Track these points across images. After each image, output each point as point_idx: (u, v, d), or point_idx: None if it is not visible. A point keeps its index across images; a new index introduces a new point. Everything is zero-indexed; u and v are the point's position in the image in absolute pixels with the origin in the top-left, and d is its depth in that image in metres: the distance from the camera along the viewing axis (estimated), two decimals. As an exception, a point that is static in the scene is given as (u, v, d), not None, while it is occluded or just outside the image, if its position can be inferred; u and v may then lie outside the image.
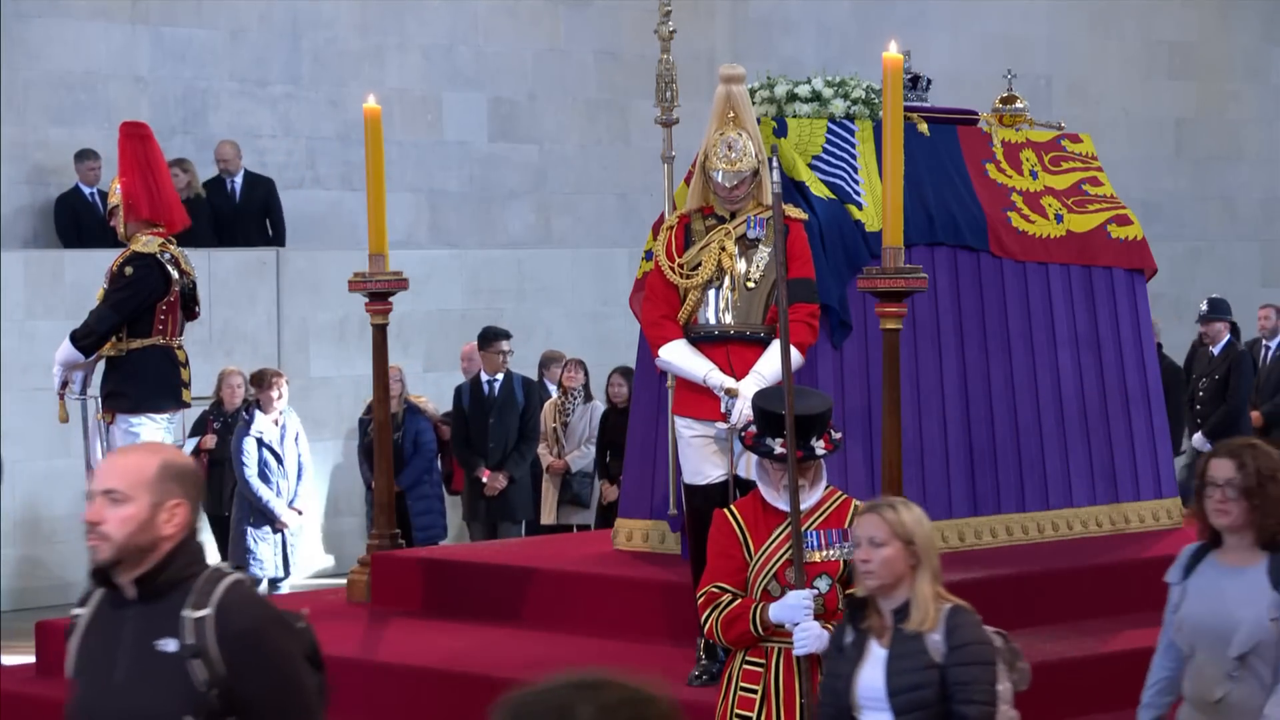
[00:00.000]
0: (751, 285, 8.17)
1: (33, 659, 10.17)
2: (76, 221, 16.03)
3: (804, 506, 6.63)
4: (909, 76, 9.89)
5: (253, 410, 13.35)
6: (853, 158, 9.66)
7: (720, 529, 6.75)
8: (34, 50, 16.18)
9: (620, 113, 18.69)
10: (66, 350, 9.82)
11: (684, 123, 9.89)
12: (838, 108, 9.72)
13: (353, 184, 16.97)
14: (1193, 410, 15.76)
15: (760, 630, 6.55)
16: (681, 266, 8.20)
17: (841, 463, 8.97)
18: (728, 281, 8.17)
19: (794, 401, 6.71)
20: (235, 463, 13.32)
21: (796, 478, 6.60)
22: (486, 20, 18.20)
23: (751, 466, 7.24)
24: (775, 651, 6.61)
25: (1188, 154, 22.35)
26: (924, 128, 10.01)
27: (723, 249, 8.17)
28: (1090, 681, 8.41)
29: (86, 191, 16.08)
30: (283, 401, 13.35)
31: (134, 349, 9.77)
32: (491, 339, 14.43)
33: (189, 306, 10.01)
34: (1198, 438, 15.62)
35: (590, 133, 18.72)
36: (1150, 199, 20.80)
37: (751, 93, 9.51)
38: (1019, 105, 10.66)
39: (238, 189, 16.73)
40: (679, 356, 8.15)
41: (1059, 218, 10.45)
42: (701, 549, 7.28)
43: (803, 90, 9.73)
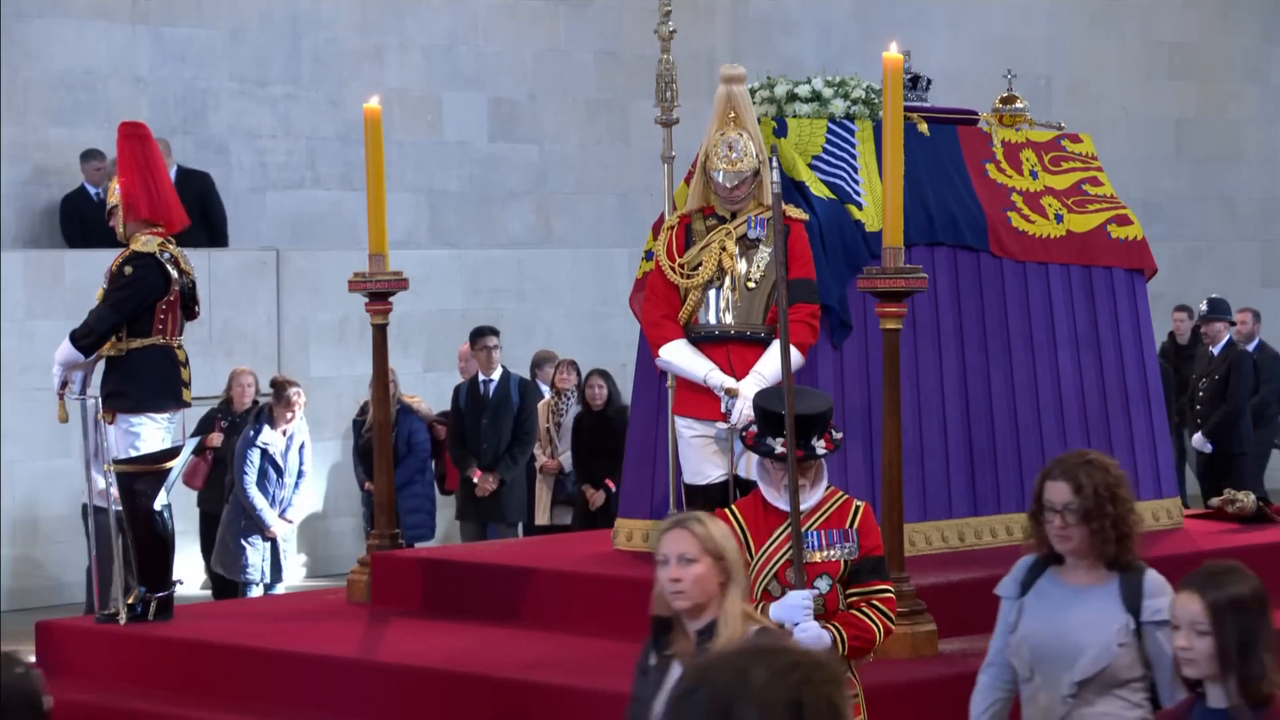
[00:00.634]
0: (752, 285, 8.17)
1: (33, 659, 10.17)
2: (82, 221, 16.02)
3: (804, 506, 6.62)
4: (909, 76, 9.89)
5: (261, 423, 13.32)
6: (853, 158, 9.66)
7: (720, 529, 6.75)
8: (34, 50, 16.18)
9: (620, 113, 18.69)
10: (66, 350, 9.81)
11: (684, 123, 9.89)
12: (838, 108, 9.72)
13: (353, 184, 16.97)
14: (1193, 410, 15.77)
15: (760, 630, 6.55)
16: (682, 266, 8.21)
17: (841, 463, 8.97)
18: (728, 281, 8.17)
19: (794, 401, 6.71)
20: (236, 470, 13.31)
21: (797, 478, 6.60)
22: (486, 20, 18.20)
23: (752, 466, 7.24)
24: (775, 651, 6.60)
25: (1188, 154, 22.35)
26: (924, 128, 10.00)
27: (723, 249, 8.17)
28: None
29: (92, 191, 16.07)
30: (293, 422, 13.35)
31: (134, 349, 9.77)
32: (477, 336, 14.44)
33: (189, 306, 10.01)
34: (1198, 438, 15.63)
35: (590, 133, 18.72)
36: (1150, 199, 20.80)
37: (751, 93, 9.51)
38: (1019, 105, 10.66)
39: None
40: (679, 356, 8.15)
41: (1059, 218, 10.44)
42: (701, 549, 7.27)
43: (803, 90, 9.73)
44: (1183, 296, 18.49)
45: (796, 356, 7.75)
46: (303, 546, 16.18)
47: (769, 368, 7.95)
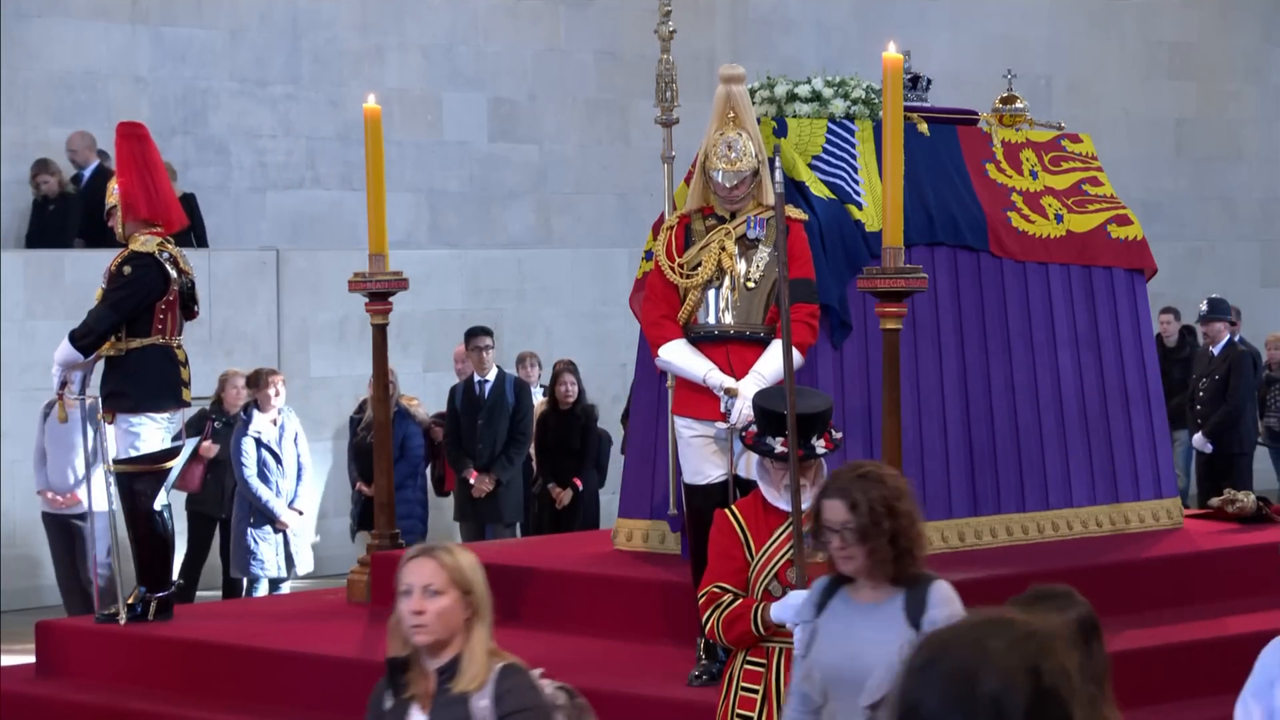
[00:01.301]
0: (751, 285, 8.17)
1: (32, 659, 10.16)
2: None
3: (805, 506, 6.62)
4: (909, 76, 9.88)
5: (251, 410, 13.34)
6: (853, 158, 9.65)
7: (721, 529, 6.75)
8: (34, 50, 16.18)
9: (620, 113, 18.69)
10: (65, 350, 9.81)
11: (684, 123, 9.89)
12: (838, 108, 9.72)
13: (353, 184, 16.97)
14: (1193, 410, 15.78)
15: (761, 630, 6.55)
16: (681, 266, 8.20)
17: (842, 463, 8.95)
18: (727, 281, 8.17)
19: (795, 401, 6.71)
20: (234, 463, 13.31)
21: (798, 477, 6.60)
22: (486, 20, 18.20)
23: (752, 466, 7.24)
24: (776, 651, 6.60)
25: (1188, 154, 22.35)
26: (924, 128, 10.00)
27: (722, 249, 8.17)
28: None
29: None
30: (280, 399, 13.35)
31: (133, 348, 9.77)
32: (470, 336, 14.43)
33: (188, 306, 10.02)
34: (1198, 438, 15.63)
35: (590, 133, 18.72)
36: (1150, 199, 20.81)
37: (751, 93, 9.50)
38: (1019, 105, 10.65)
39: (85, 182, 15.91)
40: (679, 356, 8.14)
41: (1059, 218, 10.44)
42: (701, 549, 7.27)
43: (803, 90, 9.72)
44: (1183, 296, 18.49)
45: (796, 356, 7.75)
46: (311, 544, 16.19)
47: (768, 367, 7.95)
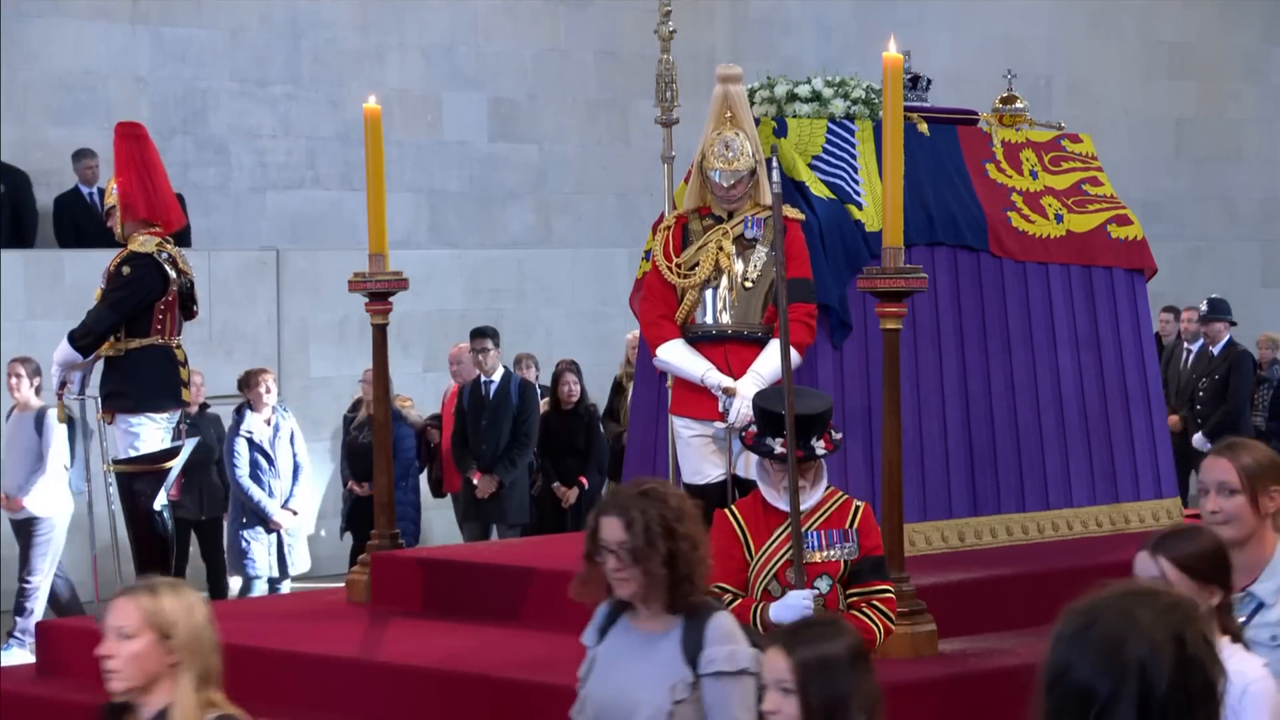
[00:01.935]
0: (749, 285, 8.17)
1: (33, 659, 10.16)
2: (75, 224, 16.01)
3: (804, 507, 6.62)
4: (909, 76, 9.88)
5: (244, 411, 13.34)
6: (853, 158, 9.65)
7: (721, 529, 6.75)
8: (34, 50, 16.18)
9: (620, 113, 18.69)
10: (65, 350, 9.82)
11: (684, 123, 9.89)
12: (838, 108, 9.72)
13: (353, 184, 16.97)
14: (1193, 410, 15.78)
15: (761, 630, 6.55)
16: (679, 266, 8.20)
17: (841, 463, 8.96)
18: (725, 281, 8.16)
19: (794, 401, 6.71)
20: (226, 464, 13.32)
21: (797, 478, 6.60)
22: (486, 20, 18.20)
23: (751, 466, 7.24)
24: (775, 651, 6.60)
25: (1188, 154, 22.35)
26: (924, 128, 10.00)
27: (720, 249, 8.17)
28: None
29: (85, 191, 16.06)
30: (272, 397, 13.35)
31: (133, 349, 9.77)
32: (473, 338, 14.42)
33: (187, 306, 10.02)
34: (1198, 438, 15.63)
35: (590, 133, 18.72)
36: (1150, 199, 20.80)
37: (751, 93, 9.50)
38: (1019, 105, 10.65)
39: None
40: (677, 356, 8.14)
41: (1059, 218, 10.44)
42: (701, 549, 7.27)
43: (803, 90, 9.72)
44: (1183, 296, 18.48)
45: (794, 356, 7.75)
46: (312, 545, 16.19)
47: (767, 367, 7.95)
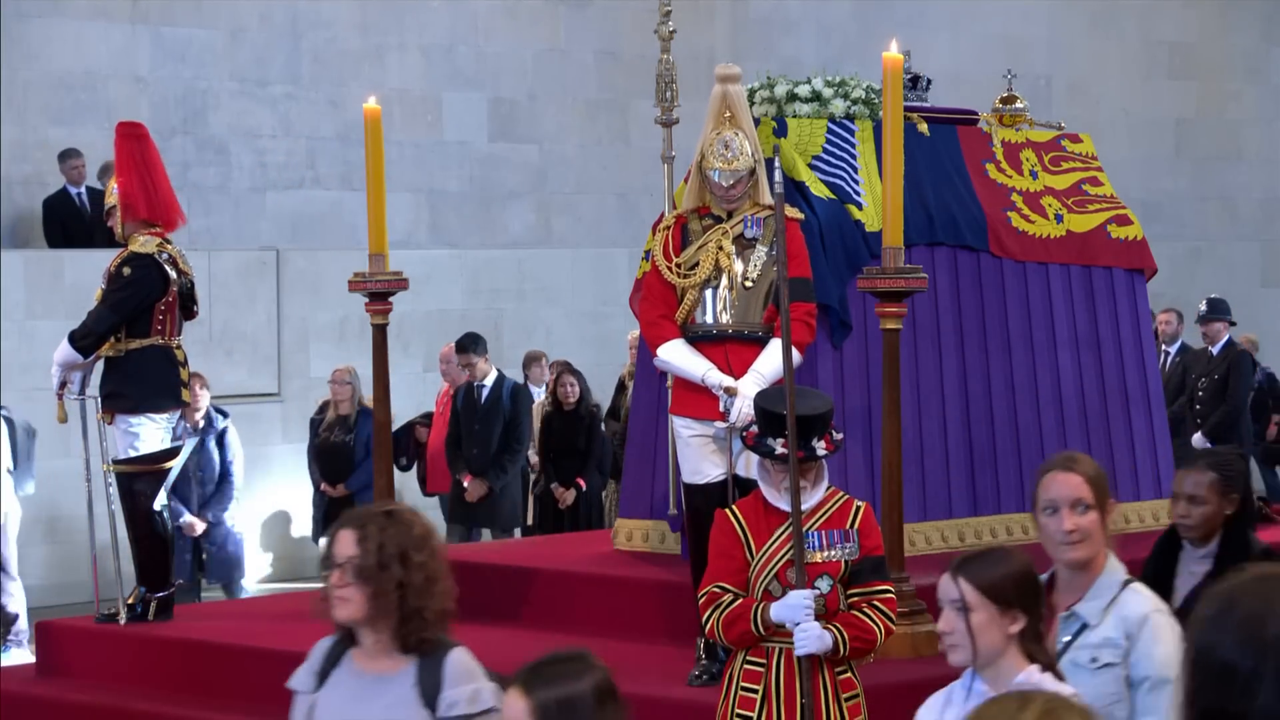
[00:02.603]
0: (749, 285, 8.16)
1: (32, 659, 10.16)
2: (63, 224, 15.99)
3: (805, 507, 6.62)
4: (909, 76, 9.88)
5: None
6: (853, 158, 9.65)
7: (721, 529, 6.75)
8: (34, 50, 16.18)
9: (620, 113, 18.69)
10: (65, 351, 9.81)
11: (684, 123, 9.89)
12: (838, 108, 9.72)
13: (353, 184, 16.97)
14: (1193, 410, 15.77)
15: (761, 630, 6.55)
16: (679, 266, 8.20)
17: (841, 463, 8.96)
18: (725, 281, 8.16)
19: (795, 402, 6.70)
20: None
21: (798, 478, 6.60)
22: (486, 20, 18.20)
23: (751, 466, 7.24)
24: (776, 651, 6.60)
25: (1188, 154, 22.35)
26: (924, 128, 10.00)
27: (720, 249, 8.17)
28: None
29: (74, 192, 16.03)
30: (204, 400, 13.36)
31: (133, 349, 9.77)
32: (457, 353, 14.36)
33: (187, 306, 10.01)
34: (1197, 437, 15.63)
35: (590, 133, 18.72)
36: (1150, 199, 20.80)
37: (751, 93, 9.50)
38: (1019, 105, 10.65)
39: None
40: (677, 356, 8.14)
41: (1059, 218, 10.44)
42: (701, 549, 7.27)
43: (803, 90, 9.72)
44: (1183, 296, 18.48)
45: (794, 355, 7.75)
46: (281, 549, 16.23)
47: (767, 366, 7.95)
